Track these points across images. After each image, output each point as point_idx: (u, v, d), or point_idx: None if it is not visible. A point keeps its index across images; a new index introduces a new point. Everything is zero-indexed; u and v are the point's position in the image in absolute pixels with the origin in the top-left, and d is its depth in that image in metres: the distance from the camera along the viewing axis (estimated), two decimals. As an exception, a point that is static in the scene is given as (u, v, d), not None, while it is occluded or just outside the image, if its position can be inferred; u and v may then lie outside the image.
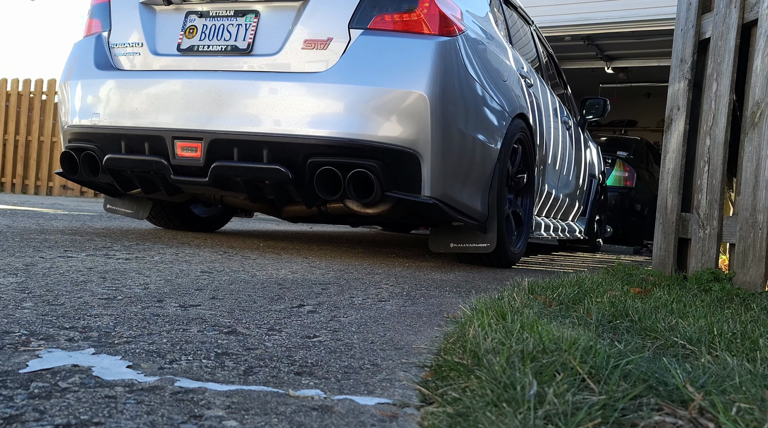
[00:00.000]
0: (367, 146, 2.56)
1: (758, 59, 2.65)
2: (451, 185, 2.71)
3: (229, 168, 2.68)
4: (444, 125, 2.62)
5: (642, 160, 8.57)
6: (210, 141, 2.66)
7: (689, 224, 3.10)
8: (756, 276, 2.55)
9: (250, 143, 2.64)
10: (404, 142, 2.57)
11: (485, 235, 3.01)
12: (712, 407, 0.84)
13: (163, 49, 2.91)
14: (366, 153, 2.57)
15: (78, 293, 1.51)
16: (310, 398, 0.88)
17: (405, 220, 3.37)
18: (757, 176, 2.57)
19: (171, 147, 2.74)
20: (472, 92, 2.84)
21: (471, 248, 3.02)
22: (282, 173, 2.60)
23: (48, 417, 0.73)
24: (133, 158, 2.84)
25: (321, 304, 1.65)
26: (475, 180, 2.90)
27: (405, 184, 2.63)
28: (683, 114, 3.21)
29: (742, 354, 1.25)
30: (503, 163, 3.08)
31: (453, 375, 0.98)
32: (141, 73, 2.90)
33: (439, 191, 2.64)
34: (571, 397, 0.83)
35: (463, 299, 1.94)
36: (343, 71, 2.61)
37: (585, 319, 1.58)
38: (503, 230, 3.09)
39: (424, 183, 2.61)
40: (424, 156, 2.58)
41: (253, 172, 2.67)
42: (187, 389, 0.87)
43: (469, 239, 3.03)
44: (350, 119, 2.56)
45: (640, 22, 8.28)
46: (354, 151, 2.57)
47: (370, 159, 2.55)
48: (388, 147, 2.56)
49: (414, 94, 2.57)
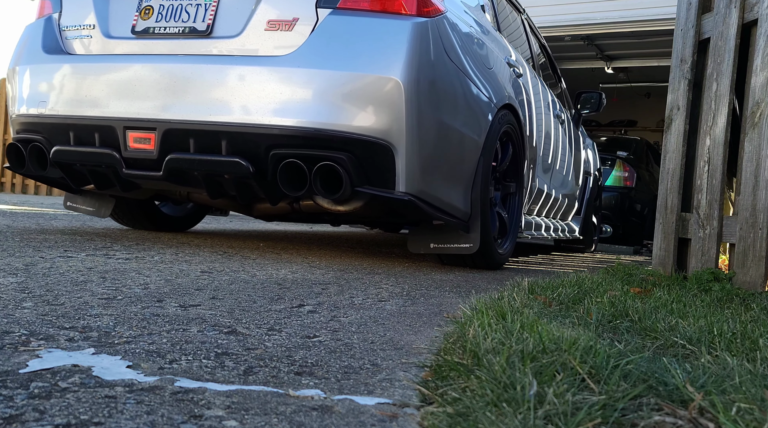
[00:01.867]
0: (335, 137, 2.33)
1: (758, 59, 2.65)
2: (429, 181, 2.49)
3: (185, 161, 2.47)
4: (420, 114, 2.39)
5: (642, 160, 8.58)
6: (164, 131, 2.44)
7: (689, 224, 3.10)
8: (756, 276, 2.55)
9: (207, 133, 2.42)
10: (376, 132, 2.35)
11: (468, 235, 2.81)
12: (712, 407, 0.84)
13: (117, 31, 2.69)
14: (334, 145, 2.35)
15: (78, 293, 1.51)
16: (310, 398, 0.88)
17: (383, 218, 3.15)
18: (757, 176, 2.57)
19: (122, 138, 2.52)
20: (452, 79, 2.62)
21: (452, 248, 2.82)
22: (242, 167, 2.39)
23: (48, 417, 0.73)
24: (82, 150, 2.62)
25: (321, 304, 1.65)
26: (456, 175, 2.70)
27: (378, 179, 2.41)
28: (683, 114, 3.21)
29: (742, 354, 1.25)
30: (488, 157, 2.87)
31: (453, 375, 0.98)
32: (92, 57, 2.69)
33: (415, 186, 2.42)
34: (571, 397, 0.83)
35: (463, 299, 1.94)
36: (309, 55, 2.39)
37: (585, 319, 1.58)
38: (488, 229, 2.89)
39: (398, 178, 2.39)
40: (398, 148, 2.36)
41: (210, 165, 2.45)
42: (187, 389, 0.87)
43: (450, 239, 2.83)
44: (317, 107, 2.34)
45: (640, 22, 8.28)
46: (321, 142, 2.35)
47: (338, 151, 2.33)
48: (358, 138, 2.34)
49: (387, 80, 2.34)
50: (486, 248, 2.89)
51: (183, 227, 3.93)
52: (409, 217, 2.81)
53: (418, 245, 2.88)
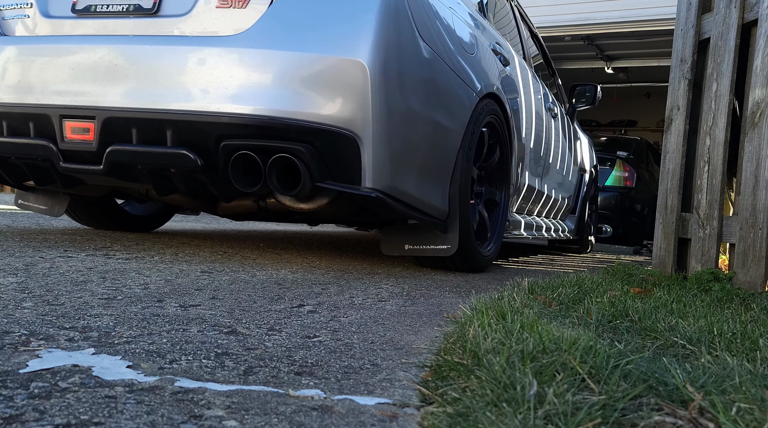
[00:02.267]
0: (292, 127, 2.09)
1: (758, 59, 2.65)
2: (400, 175, 2.26)
3: (127, 153, 2.22)
4: (389, 101, 2.15)
5: (642, 160, 8.58)
6: (104, 120, 2.20)
7: (689, 224, 3.10)
8: (756, 276, 2.55)
9: (151, 122, 2.17)
10: (339, 121, 2.11)
11: (446, 235, 2.59)
12: (712, 407, 0.84)
13: (56, 10, 2.44)
14: (291, 135, 2.10)
15: (78, 293, 1.51)
16: (310, 398, 0.88)
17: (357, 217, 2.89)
18: (757, 176, 2.57)
19: (59, 128, 2.26)
20: (426, 63, 2.37)
21: (429, 250, 2.60)
22: (189, 160, 2.15)
23: (48, 417, 0.73)
24: (15, 141, 2.36)
25: (321, 304, 1.65)
26: (432, 170, 2.47)
27: (342, 173, 2.17)
28: (683, 114, 3.21)
29: (742, 354, 1.25)
30: (468, 150, 2.65)
31: (453, 375, 0.98)
32: (28, 38, 2.45)
33: (383, 181, 2.18)
34: (571, 397, 0.83)
35: (463, 299, 1.94)
36: (264, 34, 2.15)
37: (585, 319, 1.58)
38: (469, 229, 2.67)
39: (365, 172, 2.14)
40: (363, 139, 2.12)
41: (155, 158, 2.21)
42: (187, 389, 0.87)
43: (426, 240, 2.61)
44: (272, 92, 2.10)
45: (640, 22, 8.28)
46: (277, 132, 2.11)
47: (296, 142, 2.10)
48: (318, 128, 2.09)
49: (351, 63, 2.10)
50: (466, 249, 2.67)
51: (149, 227, 3.70)
52: (382, 216, 2.57)
53: (391, 246, 2.68)
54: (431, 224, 2.54)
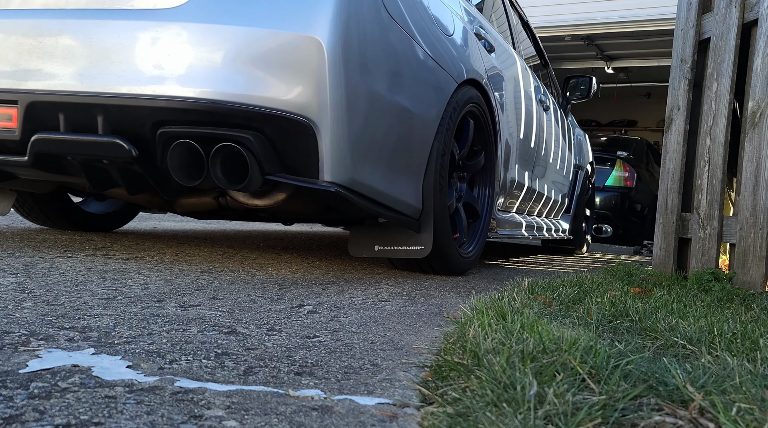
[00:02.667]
0: (238, 112, 1.86)
1: (758, 59, 2.65)
2: (364, 168, 2.02)
3: (53, 143, 1.97)
4: (350, 84, 1.93)
5: (642, 160, 8.59)
6: (27, 105, 1.96)
7: (689, 224, 3.10)
8: (756, 276, 2.55)
9: (80, 107, 1.93)
10: (292, 106, 1.87)
11: (419, 235, 2.35)
12: (713, 407, 0.84)
13: None
14: (237, 121, 1.88)
15: (78, 293, 1.51)
16: (310, 398, 0.88)
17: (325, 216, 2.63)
18: (758, 176, 2.57)
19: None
20: (394, 43, 2.13)
21: (401, 251, 2.37)
22: (123, 150, 1.91)
23: (48, 417, 0.73)
24: None
25: (321, 304, 1.65)
26: (402, 163, 2.23)
27: (296, 165, 1.95)
28: (683, 114, 3.21)
29: (743, 354, 1.25)
30: (445, 141, 2.41)
31: (453, 375, 0.98)
32: None
33: (343, 174, 1.94)
34: (571, 397, 0.83)
35: (463, 299, 1.94)
36: (207, 6, 1.93)
37: (585, 319, 1.58)
38: (446, 228, 2.43)
39: (322, 164, 1.91)
40: (320, 127, 1.89)
41: (84, 147, 1.96)
42: (187, 389, 0.87)
43: (398, 240, 2.38)
44: (215, 73, 1.87)
45: (640, 22, 8.29)
46: (220, 118, 1.89)
47: (243, 130, 1.88)
48: (268, 113, 1.87)
49: (305, 40, 1.87)
50: (443, 250, 2.45)
51: (109, 227, 3.43)
52: (350, 213, 2.31)
53: (360, 247, 2.44)
54: (402, 223, 2.30)
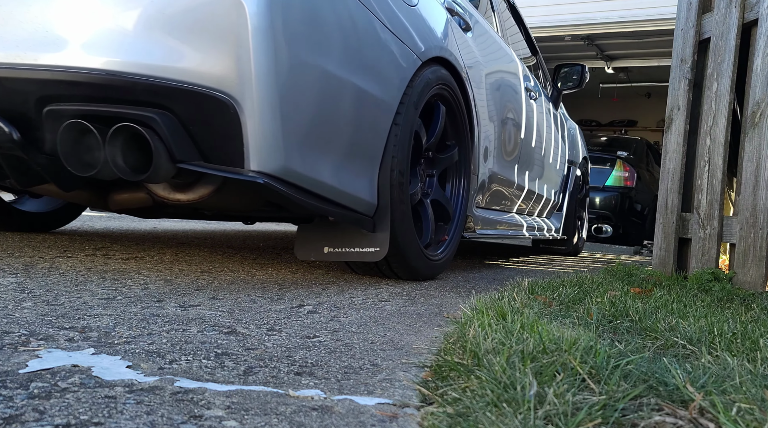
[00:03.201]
0: (140, 86, 1.53)
1: (758, 59, 2.65)
2: (300, 156, 1.71)
3: None
4: (281, 54, 1.60)
5: (642, 160, 8.60)
6: None
7: (689, 224, 3.10)
8: (756, 276, 2.55)
9: None
10: (208, 80, 1.56)
11: (374, 235, 2.06)
12: (713, 407, 0.84)
13: None
14: (140, 97, 1.55)
15: (78, 293, 1.51)
16: (310, 398, 0.88)
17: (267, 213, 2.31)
18: (758, 176, 2.57)
19: None
20: (340, 9, 1.82)
21: (353, 253, 2.08)
22: (1, 132, 1.60)
23: (48, 417, 0.73)
24: None
25: (321, 304, 1.65)
26: (351, 150, 1.91)
27: (217, 151, 1.63)
28: (683, 114, 3.21)
29: (743, 354, 1.25)
30: (406, 127, 2.09)
31: (453, 375, 0.98)
32: None
33: (274, 163, 1.63)
34: (571, 397, 0.83)
35: (463, 299, 1.94)
36: None
37: (585, 319, 1.58)
38: (407, 227, 2.13)
39: (248, 150, 1.60)
40: (244, 105, 1.57)
41: None
42: (186, 389, 0.87)
43: (350, 241, 2.09)
44: (113, 37, 1.55)
45: (640, 21, 8.29)
46: (119, 93, 1.55)
47: (146, 107, 1.55)
48: (178, 88, 1.55)
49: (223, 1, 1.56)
50: (405, 252, 2.14)
51: (48, 226, 3.08)
52: (293, 210, 2.01)
53: (307, 248, 2.13)
54: (353, 221, 2.00)
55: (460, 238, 2.65)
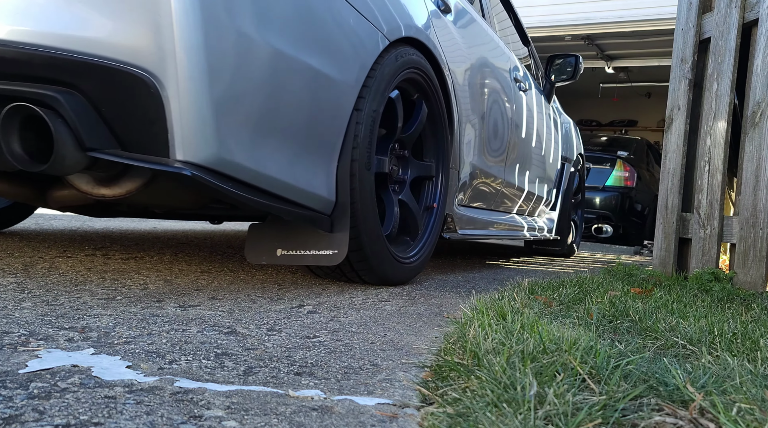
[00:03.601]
0: (40, 59, 1.32)
1: (758, 59, 2.65)
2: (240, 144, 1.47)
3: None
4: (212, 25, 1.37)
5: (642, 160, 8.60)
6: None
7: (690, 224, 3.10)
8: (756, 276, 2.55)
9: None
10: (122, 53, 1.33)
11: (332, 236, 1.83)
12: (713, 407, 0.84)
13: None
14: (40, 73, 1.34)
15: (77, 293, 1.51)
16: (309, 398, 0.88)
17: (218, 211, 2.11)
18: (758, 175, 2.57)
19: None
20: None
21: (308, 256, 1.84)
22: None
23: (47, 417, 0.73)
24: None
25: (321, 304, 1.65)
26: (305, 139, 1.66)
27: (138, 137, 1.39)
28: (684, 114, 3.21)
29: (743, 354, 1.25)
30: (370, 114, 1.86)
31: (453, 375, 0.97)
32: None
33: (205, 152, 1.39)
34: (571, 397, 0.83)
35: (463, 300, 1.94)
36: None
37: (585, 319, 1.58)
38: (371, 226, 1.91)
39: (173, 137, 1.37)
40: (166, 83, 1.34)
41: None
42: (186, 389, 0.87)
43: (306, 242, 1.85)
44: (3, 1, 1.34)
45: (640, 21, 8.30)
46: (13, 67, 1.34)
47: (48, 85, 1.34)
48: (87, 63, 1.33)
49: None
50: (370, 254, 1.92)
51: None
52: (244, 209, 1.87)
53: (258, 250, 1.88)
54: (307, 220, 1.76)
55: (438, 238, 2.39)
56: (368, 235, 1.91)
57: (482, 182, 2.91)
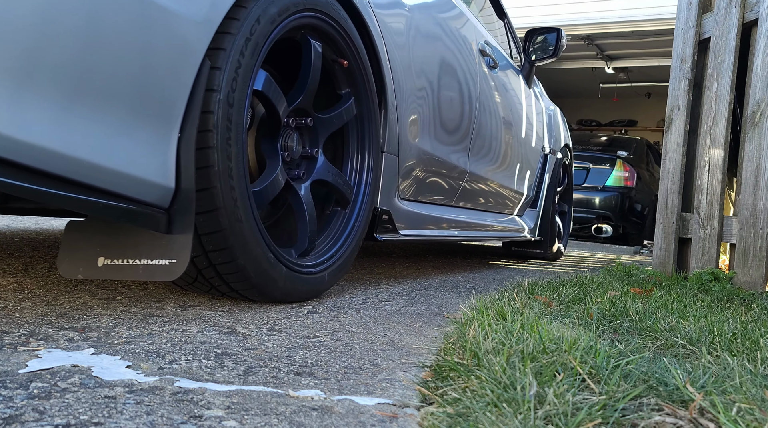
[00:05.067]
0: None
1: (758, 59, 2.65)
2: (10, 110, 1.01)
3: None
4: None
5: (642, 160, 8.61)
6: None
7: (689, 224, 3.10)
8: (756, 276, 2.55)
9: None
10: None
11: (170, 239, 1.31)
12: (713, 407, 0.84)
13: None
14: None
15: (77, 293, 1.51)
16: (309, 398, 0.88)
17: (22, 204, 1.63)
18: (758, 175, 2.57)
19: None
20: None
21: (140, 268, 1.32)
22: None
23: (47, 417, 0.73)
24: None
25: (321, 304, 1.65)
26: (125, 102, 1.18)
27: None
28: (683, 114, 3.21)
29: (743, 354, 1.25)
30: (235, 69, 1.39)
31: (453, 375, 0.98)
32: None
33: None
34: (571, 397, 0.83)
35: (463, 300, 1.94)
36: None
37: (585, 319, 1.58)
38: (248, 224, 1.42)
39: None
40: None
41: None
42: (186, 389, 0.87)
43: (137, 249, 1.33)
44: None
45: (640, 21, 8.31)
46: None
47: None
48: None
49: None
50: (244, 261, 1.42)
51: None
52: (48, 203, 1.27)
53: (74, 260, 1.34)
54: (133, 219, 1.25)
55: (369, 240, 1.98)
56: (239, 235, 1.39)
57: (436, 171, 2.42)
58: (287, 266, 1.55)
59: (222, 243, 1.40)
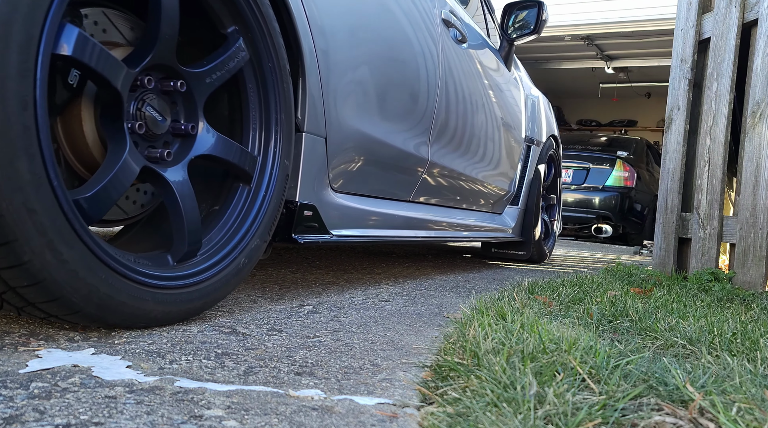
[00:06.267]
0: None
1: (758, 59, 2.65)
2: None
3: None
4: None
5: (642, 160, 8.61)
6: None
7: (689, 224, 3.10)
8: (756, 276, 2.55)
9: None
10: None
11: None
12: (713, 407, 0.84)
13: None
14: None
15: (78, 293, 1.51)
16: (310, 398, 0.88)
17: None
18: (758, 175, 2.57)
19: None
20: None
21: None
22: None
23: (48, 417, 0.73)
24: None
25: (321, 304, 1.65)
26: None
27: None
28: (683, 114, 3.21)
29: (743, 354, 1.25)
30: None
31: (453, 375, 0.98)
32: None
33: None
34: (571, 397, 0.83)
35: (463, 300, 1.94)
36: None
37: (585, 319, 1.58)
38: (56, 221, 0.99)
39: None
40: None
41: None
42: (186, 389, 0.87)
43: None
44: None
45: (640, 21, 8.31)
46: None
47: None
48: None
49: None
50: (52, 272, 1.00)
51: None
52: None
53: None
54: None
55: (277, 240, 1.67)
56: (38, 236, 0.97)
57: (385, 160, 2.02)
58: (136, 279, 1.13)
59: (30, 279, 0.99)
